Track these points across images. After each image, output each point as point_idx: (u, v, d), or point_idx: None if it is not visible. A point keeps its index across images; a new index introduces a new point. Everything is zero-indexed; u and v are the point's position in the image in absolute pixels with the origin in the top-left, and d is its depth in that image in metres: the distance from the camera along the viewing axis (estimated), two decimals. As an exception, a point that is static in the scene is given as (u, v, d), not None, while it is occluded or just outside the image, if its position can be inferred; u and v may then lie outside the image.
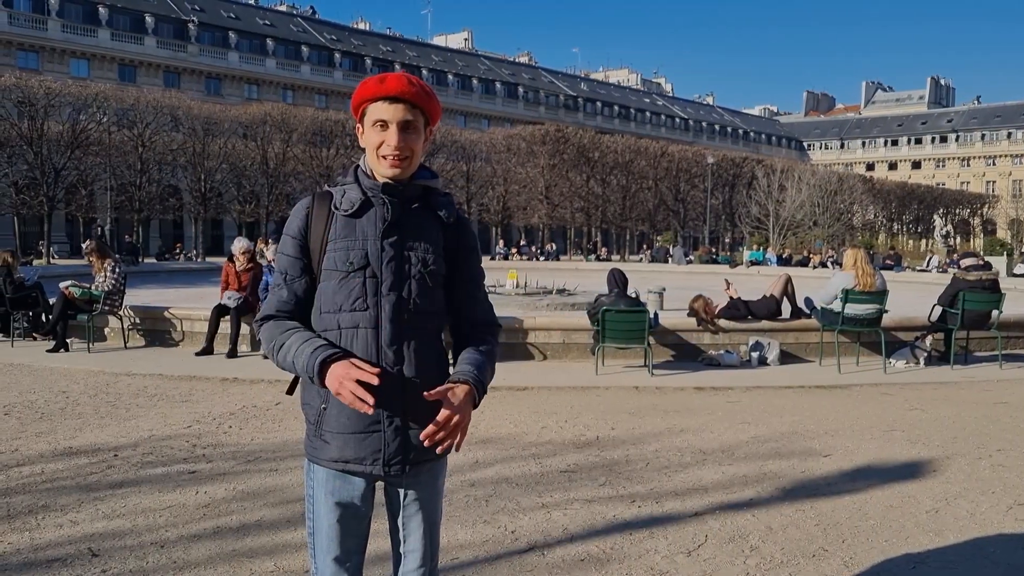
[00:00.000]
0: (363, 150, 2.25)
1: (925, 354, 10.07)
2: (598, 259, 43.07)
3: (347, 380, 2.02)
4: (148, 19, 60.33)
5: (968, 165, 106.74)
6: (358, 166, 2.27)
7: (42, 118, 34.97)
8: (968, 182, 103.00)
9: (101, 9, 57.96)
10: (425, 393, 2.09)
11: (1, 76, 37.19)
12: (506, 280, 16.25)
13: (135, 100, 39.03)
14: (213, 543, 4.12)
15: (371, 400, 2.00)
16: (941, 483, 5.29)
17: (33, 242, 39.42)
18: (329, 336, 2.17)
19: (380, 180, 2.21)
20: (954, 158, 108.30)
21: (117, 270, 10.95)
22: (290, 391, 2.38)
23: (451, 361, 2.34)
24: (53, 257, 36.16)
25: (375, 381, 2.01)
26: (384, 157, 2.16)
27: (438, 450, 2.10)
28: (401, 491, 2.28)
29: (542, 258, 40.19)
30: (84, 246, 14.91)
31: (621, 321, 9.12)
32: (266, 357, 9.87)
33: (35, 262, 29.88)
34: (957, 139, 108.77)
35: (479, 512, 4.61)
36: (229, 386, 8.38)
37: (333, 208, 2.22)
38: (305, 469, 2.32)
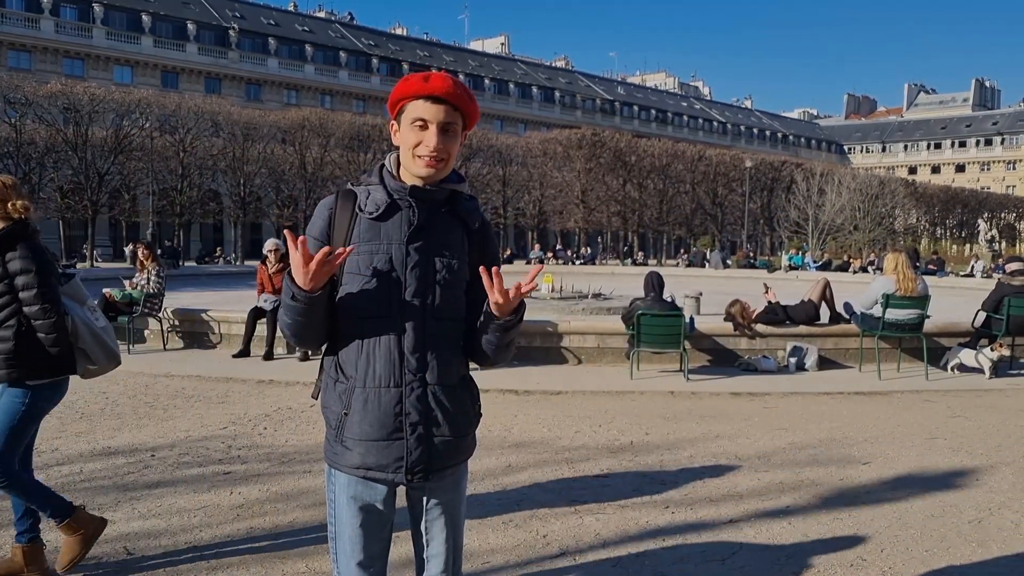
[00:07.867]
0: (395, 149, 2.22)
1: (990, 363, 9.37)
2: (635, 263, 42.82)
3: (312, 263, 1.97)
4: (190, 26, 61.38)
5: (1014, 168, 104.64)
6: (383, 165, 2.23)
7: (87, 124, 35.67)
8: (1014, 186, 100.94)
9: (144, 17, 59.04)
10: (522, 285, 2.05)
11: (47, 83, 38.05)
12: (542, 284, 16.19)
13: (177, 106, 39.65)
14: (246, 544, 4.14)
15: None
16: (984, 493, 5.17)
17: (77, 245, 40.25)
18: (351, 341, 2.15)
19: (409, 181, 2.16)
20: (999, 161, 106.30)
21: (161, 273, 11.15)
22: (316, 395, 2.34)
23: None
24: (96, 260, 36.85)
25: (315, 254, 1.97)
26: (420, 157, 2.11)
27: (494, 310, 2.09)
28: (424, 496, 2.26)
29: (578, 262, 40.09)
30: (129, 248, 15.17)
31: (656, 325, 9.05)
32: (299, 356, 9.94)
33: (79, 265, 30.44)
34: (1003, 142, 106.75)
35: (511, 516, 4.59)
36: (265, 388, 8.45)
37: (357, 209, 2.17)
38: (326, 473, 2.29)
